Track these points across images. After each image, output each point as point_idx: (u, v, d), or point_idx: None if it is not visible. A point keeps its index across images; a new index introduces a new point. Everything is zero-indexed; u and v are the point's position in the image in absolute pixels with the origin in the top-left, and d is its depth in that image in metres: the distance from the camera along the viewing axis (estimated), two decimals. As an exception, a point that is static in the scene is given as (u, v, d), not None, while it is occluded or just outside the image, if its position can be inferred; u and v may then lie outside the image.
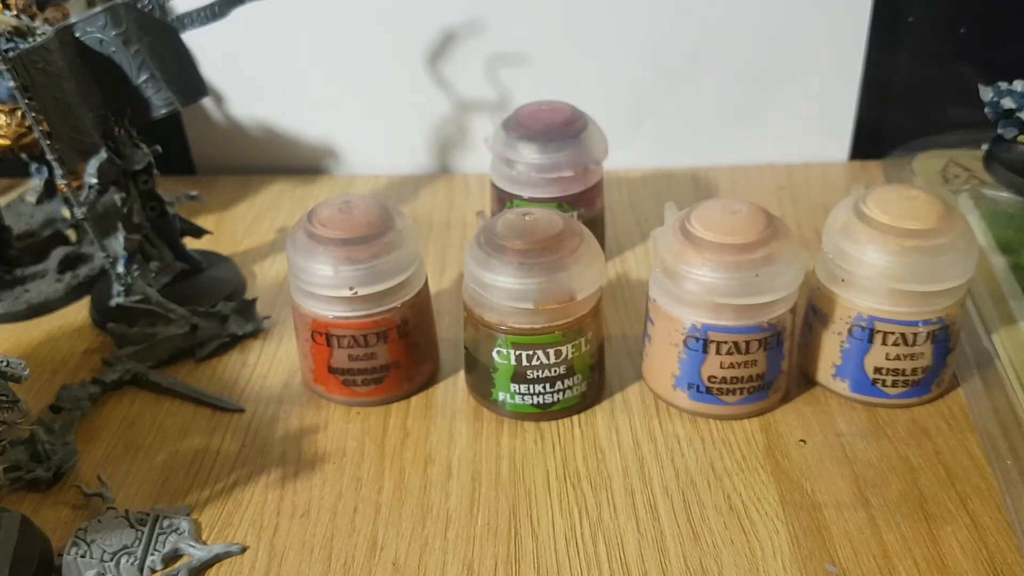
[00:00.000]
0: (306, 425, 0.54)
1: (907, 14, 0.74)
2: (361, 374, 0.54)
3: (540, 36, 0.75)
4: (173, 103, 0.57)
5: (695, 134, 0.79)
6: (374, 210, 0.53)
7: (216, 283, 0.65)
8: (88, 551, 0.46)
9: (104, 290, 0.62)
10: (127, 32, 0.55)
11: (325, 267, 0.51)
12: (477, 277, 0.50)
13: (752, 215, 0.50)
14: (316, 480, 0.50)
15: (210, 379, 0.58)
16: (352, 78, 0.78)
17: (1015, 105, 0.63)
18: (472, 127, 0.79)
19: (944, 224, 0.49)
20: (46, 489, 0.51)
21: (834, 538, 0.46)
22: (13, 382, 0.46)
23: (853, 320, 0.51)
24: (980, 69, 0.75)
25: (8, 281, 0.66)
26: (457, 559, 0.46)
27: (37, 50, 0.52)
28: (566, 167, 0.61)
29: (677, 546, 0.46)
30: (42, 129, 0.53)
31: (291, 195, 0.78)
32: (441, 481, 0.50)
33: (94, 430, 0.55)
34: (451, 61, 0.76)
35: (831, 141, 0.78)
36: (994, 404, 0.51)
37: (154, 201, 0.61)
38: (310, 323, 0.53)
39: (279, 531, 0.48)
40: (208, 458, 0.52)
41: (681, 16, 0.74)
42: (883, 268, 0.49)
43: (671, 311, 0.51)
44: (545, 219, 0.51)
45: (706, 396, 0.52)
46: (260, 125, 0.80)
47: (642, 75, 0.76)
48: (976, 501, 0.47)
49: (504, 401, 0.53)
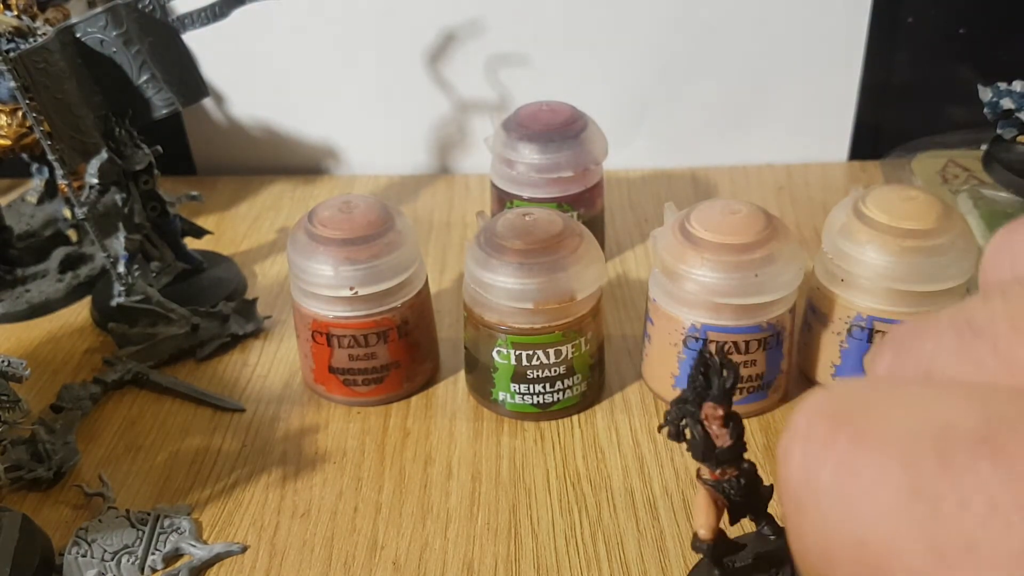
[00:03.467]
0: (306, 425, 0.54)
1: (907, 14, 0.74)
2: (361, 374, 0.54)
3: (540, 36, 0.75)
4: (174, 103, 0.57)
5: (695, 134, 0.79)
6: (374, 210, 0.53)
7: (217, 283, 0.65)
8: (89, 550, 0.46)
9: (105, 290, 0.62)
10: (128, 33, 0.55)
11: (325, 267, 0.51)
12: (477, 277, 0.50)
13: (751, 215, 0.50)
14: (316, 480, 0.50)
15: (211, 379, 0.58)
16: (352, 79, 0.78)
17: (1014, 105, 0.63)
18: (472, 127, 0.79)
19: (943, 224, 0.49)
20: (47, 489, 0.51)
21: (833, 537, 0.46)
22: (14, 382, 0.46)
23: (852, 320, 0.51)
24: (979, 69, 0.75)
25: (9, 281, 0.66)
26: (457, 558, 0.46)
27: (38, 50, 0.52)
28: (566, 167, 0.62)
29: (677, 546, 0.46)
30: (43, 129, 0.53)
31: (291, 195, 0.78)
32: (441, 481, 0.50)
33: (95, 430, 0.55)
34: (451, 61, 0.76)
35: (830, 141, 0.78)
36: (993, 404, 0.51)
37: (155, 201, 0.61)
38: (311, 323, 0.53)
39: (280, 530, 0.48)
40: (209, 458, 0.52)
41: (681, 16, 0.74)
42: (882, 268, 0.49)
43: (671, 311, 0.51)
44: (545, 219, 0.51)
45: (706, 396, 0.52)
46: (261, 125, 0.81)
47: (642, 75, 0.76)
48: (975, 501, 0.47)
49: (504, 401, 0.53)
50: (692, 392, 0.35)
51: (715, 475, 0.37)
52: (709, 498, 0.38)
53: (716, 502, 0.38)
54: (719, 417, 0.35)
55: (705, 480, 0.37)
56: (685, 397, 0.36)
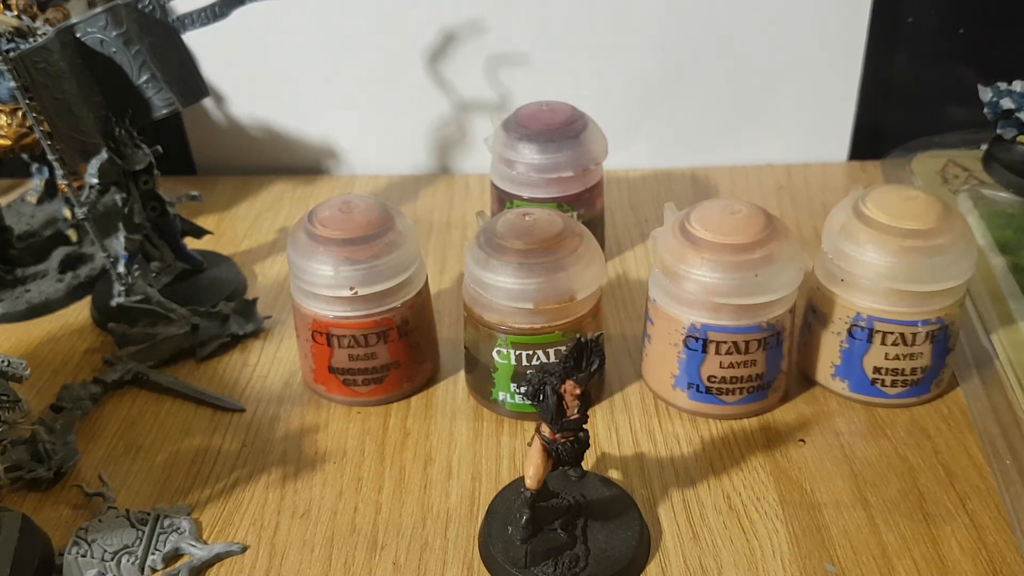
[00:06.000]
0: (306, 425, 0.54)
1: (907, 14, 0.74)
2: (361, 374, 0.54)
3: (540, 36, 0.75)
4: (174, 103, 0.57)
5: (695, 134, 0.79)
6: (374, 210, 0.53)
7: (217, 283, 0.65)
8: (89, 550, 0.46)
9: (105, 290, 0.62)
10: (128, 33, 0.55)
11: (325, 267, 0.51)
12: (477, 277, 0.50)
13: (751, 215, 0.50)
14: (316, 480, 0.50)
15: (211, 379, 0.58)
16: (352, 79, 0.78)
17: (1014, 105, 0.63)
18: (472, 127, 0.79)
19: (943, 224, 0.50)
20: (47, 488, 0.51)
21: (833, 537, 0.46)
22: (14, 382, 0.46)
23: (852, 320, 0.51)
24: (979, 69, 0.75)
25: (9, 281, 0.66)
26: (457, 559, 0.46)
27: (38, 50, 0.52)
28: (566, 167, 0.62)
29: (677, 546, 0.46)
30: (43, 129, 0.53)
31: (291, 195, 0.78)
32: (441, 480, 0.50)
33: (95, 430, 0.55)
34: (451, 61, 0.76)
35: (830, 141, 0.78)
36: (993, 404, 0.51)
37: (155, 201, 0.61)
38: (311, 323, 0.53)
39: (280, 530, 0.48)
40: (209, 458, 0.52)
41: (681, 16, 0.74)
42: (882, 268, 0.49)
43: (671, 311, 0.51)
44: (545, 219, 0.51)
45: (706, 396, 0.52)
46: (261, 126, 0.81)
47: (642, 75, 0.76)
48: (975, 501, 0.47)
49: (504, 401, 0.53)
50: (561, 367, 0.40)
51: (554, 436, 0.42)
52: (543, 453, 0.43)
53: (547, 456, 0.43)
54: (576, 394, 0.41)
55: (544, 436, 0.42)
56: (552, 369, 0.41)
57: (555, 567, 0.43)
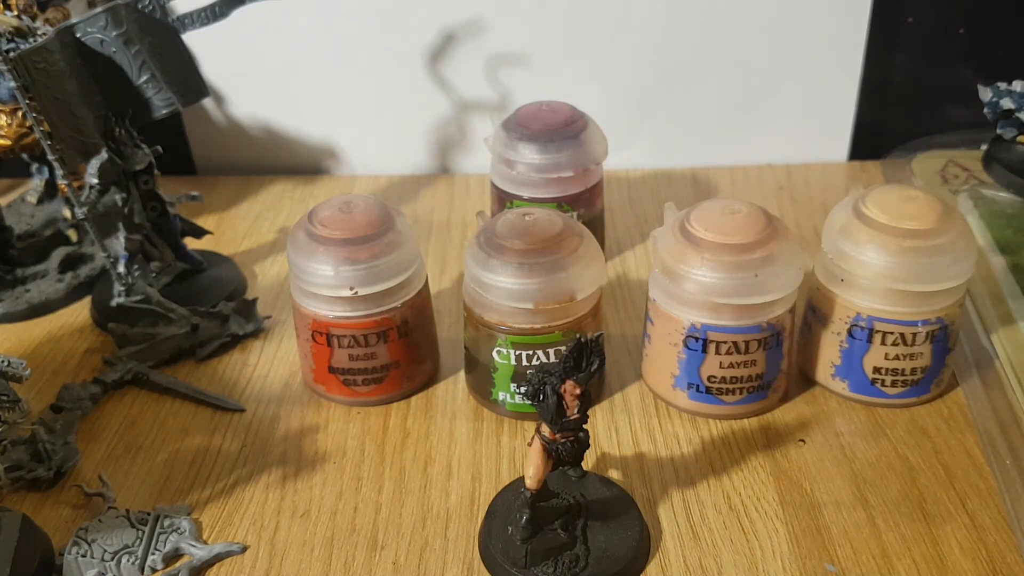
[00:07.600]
0: (306, 425, 0.54)
1: (907, 14, 0.74)
2: (361, 374, 0.54)
3: (540, 36, 0.75)
4: (174, 103, 0.57)
5: (695, 134, 0.79)
6: (374, 210, 0.53)
7: (217, 283, 0.65)
8: (89, 550, 0.46)
9: (105, 290, 0.62)
10: (128, 33, 0.55)
11: (325, 267, 0.51)
12: (477, 277, 0.50)
13: (751, 215, 0.50)
14: (316, 480, 0.50)
15: (211, 379, 0.58)
16: (352, 78, 0.78)
17: (1014, 105, 0.63)
18: (472, 127, 0.79)
19: (943, 224, 0.50)
20: (47, 489, 0.51)
21: (833, 538, 0.46)
22: (14, 382, 0.46)
23: (852, 320, 0.51)
24: (979, 69, 0.75)
25: (9, 281, 0.66)
26: (457, 559, 0.46)
27: (38, 50, 0.52)
28: (566, 167, 0.62)
29: (677, 546, 0.46)
30: (43, 129, 0.53)
31: (291, 195, 0.78)
32: (441, 481, 0.50)
33: (95, 430, 0.55)
34: (451, 61, 0.76)
35: (830, 141, 0.78)
36: (993, 404, 0.51)
37: (155, 201, 0.61)
38: (311, 323, 0.53)
39: (280, 530, 0.48)
40: (209, 458, 0.52)
41: (681, 16, 0.74)
42: (882, 268, 0.49)
43: (671, 311, 0.51)
44: (545, 219, 0.51)
45: (706, 396, 0.52)
46: (261, 125, 0.81)
47: (642, 75, 0.76)
48: (975, 501, 0.47)
49: (504, 401, 0.53)
50: (561, 367, 0.40)
51: (554, 436, 0.42)
52: (543, 453, 0.43)
53: (547, 456, 0.43)
54: (576, 394, 0.41)
55: (544, 436, 0.42)
56: (552, 369, 0.41)
57: (555, 567, 0.43)
